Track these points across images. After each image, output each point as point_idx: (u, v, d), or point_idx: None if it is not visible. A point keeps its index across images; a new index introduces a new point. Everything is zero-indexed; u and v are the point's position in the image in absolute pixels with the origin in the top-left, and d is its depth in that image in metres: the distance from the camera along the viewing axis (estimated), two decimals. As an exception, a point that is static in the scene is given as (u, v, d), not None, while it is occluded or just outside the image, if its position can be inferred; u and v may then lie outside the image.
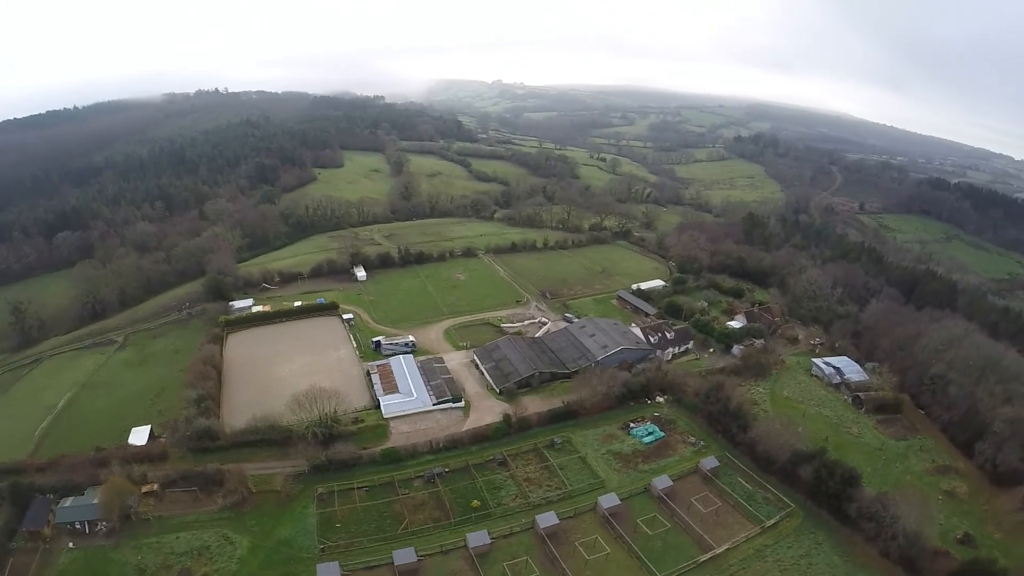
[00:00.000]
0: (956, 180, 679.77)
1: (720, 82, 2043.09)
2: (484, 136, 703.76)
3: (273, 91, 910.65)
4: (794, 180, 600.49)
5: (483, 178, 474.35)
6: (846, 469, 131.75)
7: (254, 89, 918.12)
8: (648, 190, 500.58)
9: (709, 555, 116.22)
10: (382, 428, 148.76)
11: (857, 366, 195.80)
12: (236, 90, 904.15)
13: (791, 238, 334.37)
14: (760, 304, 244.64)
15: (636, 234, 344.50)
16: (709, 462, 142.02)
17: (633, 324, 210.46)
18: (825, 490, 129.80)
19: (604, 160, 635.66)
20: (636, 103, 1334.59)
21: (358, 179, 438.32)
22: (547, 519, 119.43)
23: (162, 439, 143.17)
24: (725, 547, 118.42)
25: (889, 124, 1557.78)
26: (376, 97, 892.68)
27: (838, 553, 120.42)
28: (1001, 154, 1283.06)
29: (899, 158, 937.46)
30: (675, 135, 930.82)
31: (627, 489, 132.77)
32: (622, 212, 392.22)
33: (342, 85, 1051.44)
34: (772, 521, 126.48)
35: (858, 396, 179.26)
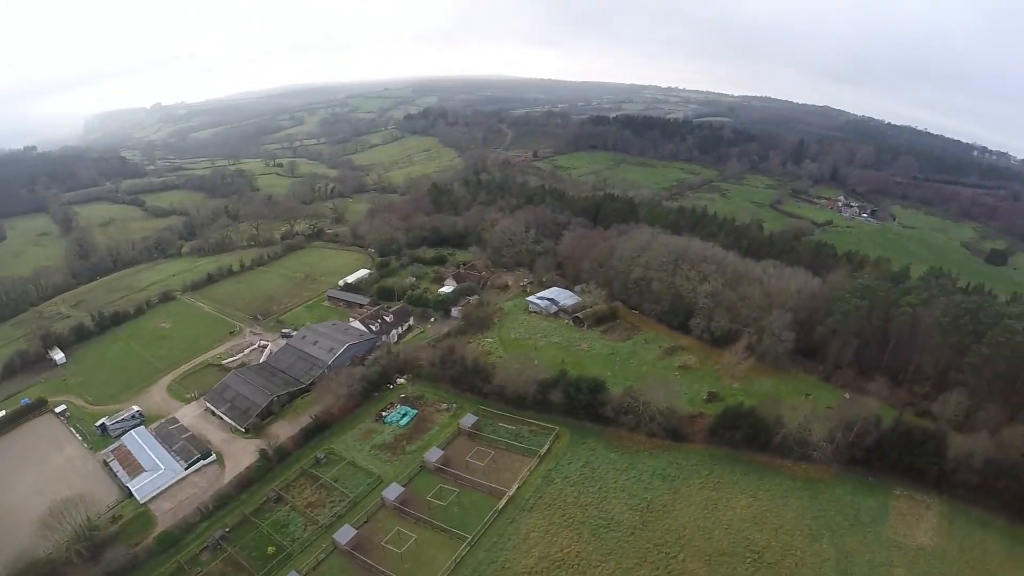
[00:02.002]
0: (614, 114, 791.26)
1: (383, 66, 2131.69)
2: (152, 168, 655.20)
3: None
4: (469, 144, 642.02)
5: (161, 213, 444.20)
6: (589, 380, 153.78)
7: None
8: (331, 185, 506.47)
9: (505, 500, 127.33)
10: (145, 515, 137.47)
11: (568, 292, 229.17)
12: None
13: (477, 197, 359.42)
14: (465, 264, 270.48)
15: (329, 231, 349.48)
16: (468, 420, 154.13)
17: (351, 319, 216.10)
18: (578, 404, 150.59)
19: (281, 165, 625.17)
20: (303, 102, 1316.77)
21: (26, 248, 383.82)
22: (345, 534, 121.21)
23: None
24: (516, 487, 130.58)
25: (548, 78, 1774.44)
26: (27, 148, 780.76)
27: (612, 450, 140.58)
28: (649, 85, 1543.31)
29: (560, 106, 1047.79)
30: (347, 125, 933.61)
31: (405, 474, 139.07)
32: (310, 213, 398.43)
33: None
34: (545, 448, 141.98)
35: (577, 317, 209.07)
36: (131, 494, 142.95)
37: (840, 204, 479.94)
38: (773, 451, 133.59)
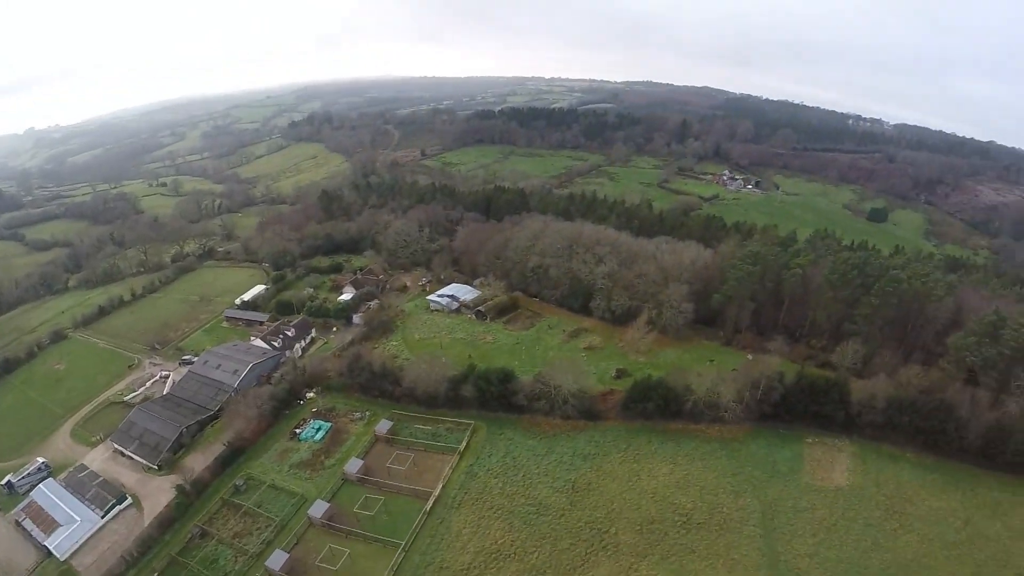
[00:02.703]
0: (500, 108, 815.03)
1: (265, 73, 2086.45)
2: (30, 198, 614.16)
3: None
4: (356, 148, 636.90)
5: (43, 247, 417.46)
6: (498, 371, 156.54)
7: None
8: (218, 201, 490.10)
9: (432, 500, 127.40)
10: (68, 573, 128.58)
11: (467, 287, 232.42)
12: None
13: (368, 200, 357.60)
14: (361, 269, 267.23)
15: (220, 249, 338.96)
16: (383, 426, 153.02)
17: (252, 337, 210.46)
18: (490, 396, 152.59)
19: (165, 185, 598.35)
20: (184, 116, 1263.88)
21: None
22: (277, 559, 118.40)
23: None
24: (440, 486, 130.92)
25: (432, 76, 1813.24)
26: None
27: (530, 437, 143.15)
28: (533, 77, 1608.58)
29: (446, 102, 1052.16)
30: (230, 137, 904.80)
31: (328, 489, 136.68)
32: (199, 232, 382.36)
33: None
34: (463, 444, 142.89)
35: (479, 310, 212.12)
36: (50, 552, 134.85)
37: (725, 178, 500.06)
38: (686, 417, 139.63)
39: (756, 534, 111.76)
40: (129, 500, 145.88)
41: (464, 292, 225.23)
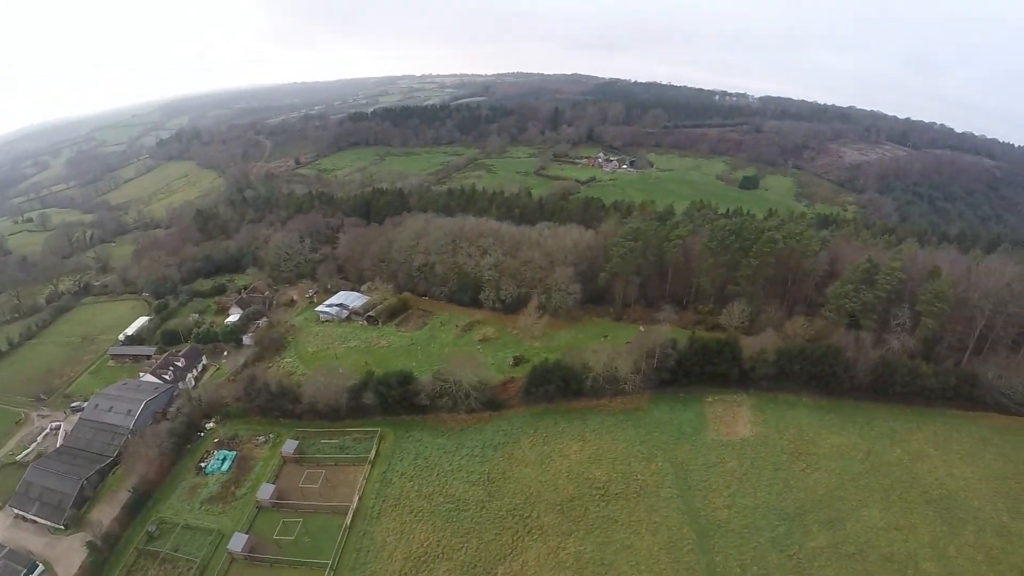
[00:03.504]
0: (372, 109, 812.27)
1: (129, 91, 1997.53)
2: None
3: None
4: (228, 162, 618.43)
5: None
6: (396, 374, 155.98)
7: None
8: (89, 232, 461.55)
9: (351, 514, 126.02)
10: None
11: (355, 294, 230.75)
12: None
13: (245, 216, 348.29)
14: (246, 287, 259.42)
15: (96, 283, 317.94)
16: (289, 446, 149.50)
17: (141, 374, 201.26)
18: (392, 400, 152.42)
19: (31, 220, 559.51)
20: (46, 143, 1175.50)
21: None
22: None
23: None
24: (356, 498, 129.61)
25: (303, 81, 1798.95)
26: None
27: (438, 436, 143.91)
28: (404, 75, 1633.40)
29: (317, 107, 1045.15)
30: (96, 162, 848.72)
31: (244, 520, 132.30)
32: (73, 268, 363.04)
33: None
34: (373, 452, 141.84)
35: (370, 316, 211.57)
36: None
37: (600, 160, 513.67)
38: (587, 395, 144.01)
39: (673, 495, 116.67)
40: (41, 567, 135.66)
41: (353, 299, 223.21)
